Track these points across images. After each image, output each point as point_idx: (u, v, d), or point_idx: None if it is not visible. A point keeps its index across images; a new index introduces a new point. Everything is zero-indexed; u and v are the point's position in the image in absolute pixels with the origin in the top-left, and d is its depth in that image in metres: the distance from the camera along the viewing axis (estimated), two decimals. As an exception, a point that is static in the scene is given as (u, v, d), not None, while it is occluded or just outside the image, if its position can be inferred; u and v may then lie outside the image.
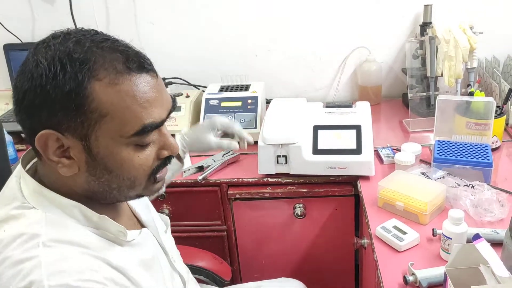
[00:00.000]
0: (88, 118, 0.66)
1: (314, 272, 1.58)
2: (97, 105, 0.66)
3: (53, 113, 0.66)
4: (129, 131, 0.69)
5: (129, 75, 0.68)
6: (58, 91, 0.65)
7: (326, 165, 1.36)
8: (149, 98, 0.70)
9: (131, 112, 0.68)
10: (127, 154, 0.71)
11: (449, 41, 1.55)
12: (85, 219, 0.73)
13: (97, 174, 0.71)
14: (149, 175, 0.75)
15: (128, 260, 0.77)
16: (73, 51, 0.66)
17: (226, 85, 1.78)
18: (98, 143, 0.68)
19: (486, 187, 1.17)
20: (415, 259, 1.02)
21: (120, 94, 0.67)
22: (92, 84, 0.65)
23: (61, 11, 1.89)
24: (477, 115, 1.39)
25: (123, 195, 0.76)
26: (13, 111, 0.71)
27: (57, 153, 0.69)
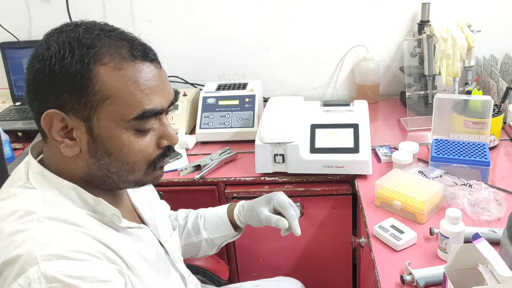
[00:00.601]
0: (91, 100, 0.70)
1: (312, 271, 1.57)
2: (101, 87, 0.70)
3: (59, 93, 0.70)
4: (130, 115, 0.72)
5: (133, 62, 0.72)
6: (65, 72, 0.69)
7: (324, 164, 1.36)
8: (151, 85, 0.73)
9: (133, 96, 0.71)
10: (127, 138, 0.73)
11: (447, 40, 1.55)
12: (81, 201, 0.76)
13: (98, 156, 0.74)
14: (150, 162, 0.78)
15: (124, 245, 0.78)
16: (82, 37, 0.70)
17: (224, 84, 1.77)
18: (99, 125, 0.71)
19: (484, 186, 1.17)
20: (413, 258, 1.02)
21: (123, 79, 0.71)
22: (97, 67, 0.69)
23: (57, 9, 1.88)
24: (474, 114, 1.38)
25: (122, 179, 0.78)
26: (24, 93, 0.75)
27: (61, 133, 0.72)
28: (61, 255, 0.66)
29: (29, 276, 0.64)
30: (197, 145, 1.64)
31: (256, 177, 1.43)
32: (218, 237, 1.14)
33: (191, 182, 1.44)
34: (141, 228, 0.86)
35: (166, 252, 0.94)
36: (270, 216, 1.07)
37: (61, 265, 0.65)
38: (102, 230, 0.76)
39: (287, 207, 1.07)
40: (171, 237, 1.00)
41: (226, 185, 1.45)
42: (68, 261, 0.66)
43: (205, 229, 1.15)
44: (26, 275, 0.64)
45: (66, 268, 0.65)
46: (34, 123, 1.76)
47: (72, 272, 0.65)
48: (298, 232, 1.05)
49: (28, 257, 0.65)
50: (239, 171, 1.47)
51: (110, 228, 0.78)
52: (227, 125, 1.62)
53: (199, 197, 1.46)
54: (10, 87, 1.93)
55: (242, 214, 1.13)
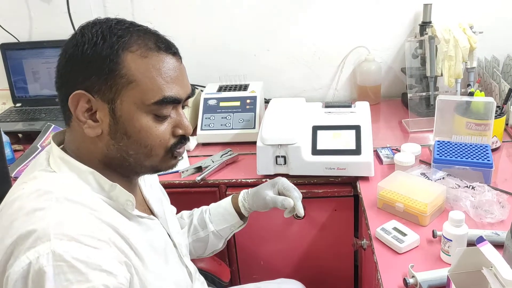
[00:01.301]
0: (116, 83, 0.76)
1: (313, 273, 1.57)
2: (127, 71, 0.76)
3: (88, 76, 0.76)
4: (150, 99, 0.77)
5: (158, 52, 0.79)
6: (96, 56, 0.75)
7: (325, 166, 1.35)
8: (171, 75, 0.79)
9: (155, 82, 0.78)
10: (146, 122, 0.79)
11: (449, 41, 1.55)
12: (98, 186, 0.80)
13: (117, 138, 0.79)
14: (167, 149, 0.83)
15: (135, 232, 0.81)
16: (114, 27, 0.78)
17: (225, 85, 1.77)
18: (122, 107, 0.77)
19: (487, 188, 1.16)
20: (415, 261, 1.01)
21: (148, 66, 0.77)
22: (125, 54, 0.76)
23: (58, 11, 1.88)
24: (477, 115, 1.38)
25: (139, 163, 0.82)
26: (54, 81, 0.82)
27: (86, 115, 0.78)
28: (73, 237, 0.69)
29: (39, 251, 0.67)
30: (198, 147, 1.64)
31: (257, 179, 1.42)
32: (224, 228, 1.16)
33: (192, 183, 1.43)
34: (152, 220, 0.90)
35: (175, 245, 0.97)
36: (276, 197, 1.12)
37: (71, 247, 0.68)
38: (115, 216, 0.79)
39: (291, 189, 1.13)
40: (179, 234, 1.03)
41: (228, 187, 1.45)
42: (78, 244, 0.69)
43: (211, 222, 1.17)
44: (36, 250, 0.67)
45: (75, 251, 0.68)
46: (35, 125, 1.77)
47: (79, 255, 0.68)
48: (301, 212, 1.10)
49: (42, 232, 0.68)
50: (240, 173, 1.46)
51: (122, 216, 0.81)
52: (228, 126, 1.62)
53: (200, 199, 1.45)
54: (11, 88, 1.92)
55: (247, 200, 1.16)
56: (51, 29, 1.91)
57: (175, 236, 0.97)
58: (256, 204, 1.14)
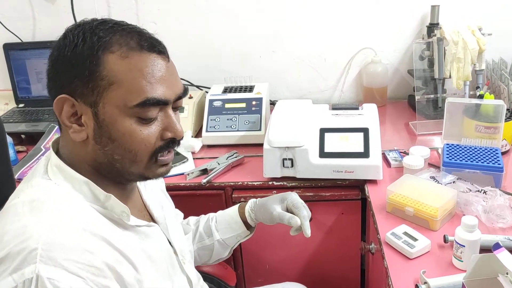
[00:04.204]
0: (98, 85, 0.73)
1: (320, 277, 1.55)
2: (107, 73, 0.73)
3: (71, 79, 0.74)
4: (133, 101, 0.74)
5: (140, 52, 0.75)
6: (76, 58, 0.73)
7: (333, 169, 1.34)
8: (155, 75, 0.75)
9: (137, 83, 0.74)
10: (130, 125, 0.75)
11: (457, 43, 1.53)
12: (93, 196, 0.78)
13: (102, 142, 0.76)
14: (151, 153, 0.79)
15: (130, 244, 0.79)
16: (96, 28, 0.75)
17: (230, 86, 1.75)
18: (104, 110, 0.74)
19: (499, 192, 1.14)
20: (427, 266, 0.99)
21: (129, 66, 0.74)
22: (105, 55, 0.73)
23: (62, 11, 1.87)
24: (486, 118, 1.36)
25: (126, 169, 0.79)
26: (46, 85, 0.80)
27: (72, 119, 0.76)
28: (60, 263, 0.67)
29: (24, 274, 0.65)
30: (203, 149, 1.62)
31: (264, 182, 1.41)
32: (230, 237, 1.14)
33: (198, 186, 1.42)
34: (151, 227, 0.87)
35: (175, 252, 0.94)
36: (283, 214, 1.07)
37: (56, 274, 0.66)
38: (109, 228, 0.77)
39: (300, 208, 1.07)
40: (182, 240, 1.00)
41: (234, 190, 1.43)
42: (64, 272, 0.67)
43: (217, 230, 1.15)
44: (22, 272, 0.66)
45: (59, 279, 0.66)
46: (38, 126, 1.75)
47: (61, 284, 0.66)
48: (308, 233, 1.04)
49: (29, 254, 0.67)
50: (246, 175, 1.45)
51: (118, 226, 0.79)
52: (234, 128, 1.60)
53: (206, 202, 1.44)
54: (14, 88, 1.91)
55: (254, 211, 1.12)
56: (55, 30, 1.86)
57: (176, 243, 0.94)
58: (262, 217, 1.10)
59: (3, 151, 1.13)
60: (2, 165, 1.13)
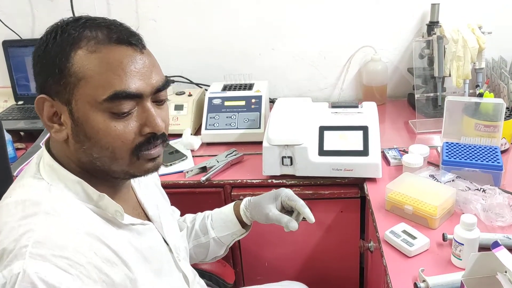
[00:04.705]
0: (68, 82, 0.72)
1: (318, 275, 1.55)
2: (76, 69, 0.72)
3: (45, 78, 0.74)
4: (101, 96, 0.72)
5: (109, 45, 0.73)
6: (47, 57, 0.73)
7: (332, 167, 1.34)
8: (125, 68, 0.73)
9: (105, 77, 0.72)
10: (103, 121, 0.73)
11: (457, 41, 1.53)
12: (86, 196, 0.77)
13: (80, 140, 0.75)
14: (132, 150, 0.76)
15: (124, 243, 0.79)
16: (67, 25, 0.74)
17: (229, 84, 1.75)
18: (77, 107, 0.73)
19: (498, 191, 1.14)
20: (425, 264, 0.99)
21: (97, 61, 0.72)
22: (74, 51, 0.72)
23: (61, 8, 1.86)
24: (486, 117, 1.36)
25: (107, 167, 0.77)
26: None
27: (53, 119, 0.76)
28: (48, 258, 0.67)
29: (12, 270, 0.65)
30: (202, 146, 1.62)
31: (263, 180, 1.41)
32: (226, 235, 1.13)
33: (197, 184, 1.41)
34: (145, 225, 0.86)
35: (170, 250, 0.93)
36: (281, 216, 1.05)
37: (43, 268, 0.66)
38: (103, 227, 0.77)
39: (296, 199, 1.06)
40: (177, 237, 0.99)
41: (233, 188, 1.43)
42: (50, 266, 0.66)
43: (212, 228, 1.14)
44: (11, 268, 0.66)
45: (46, 273, 0.66)
46: (37, 123, 1.75)
47: (49, 278, 0.65)
48: (312, 219, 1.04)
49: (19, 251, 0.67)
50: (245, 173, 1.44)
51: (112, 225, 0.79)
52: (233, 126, 1.60)
53: (205, 200, 1.44)
54: (13, 85, 1.91)
55: (249, 210, 1.11)
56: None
57: (170, 240, 0.94)
58: (258, 217, 1.09)
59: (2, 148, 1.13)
60: (1, 162, 1.13)
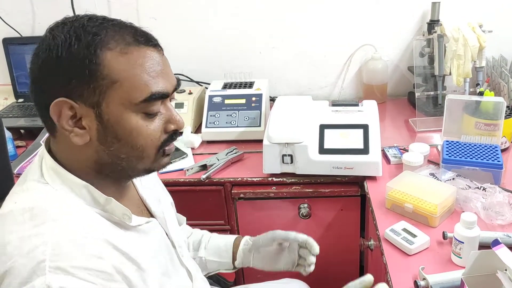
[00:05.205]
0: (100, 85, 0.71)
1: (318, 273, 1.54)
2: (108, 72, 0.70)
3: (67, 81, 0.70)
4: (138, 98, 0.73)
5: (138, 47, 0.73)
6: (72, 59, 0.70)
7: (333, 165, 1.34)
8: (156, 69, 0.75)
9: (140, 79, 0.73)
10: (136, 122, 0.74)
11: (458, 40, 1.53)
12: (92, 200, 0.76)
13: (108, 142, 0.74)
14: (158, 147, 0.78)
15: (133, 245, 0.78)
16: (87, 25, 0.72)
17: (230, 82, 1.75)
18: (109, 110, 0.72)
19: (498, 189, 1.14)
20: (426, 263, 1.00)
21: (130, 63, 0.72)
22: (104, 53, 0.70)
23: (61, 5, 1.86)
24: (486, 115, 1.36)
25: (132, 167, 0.78)
26: (29, 90, 0.76)
27: (70, 123, 0.72)
28: (68, 271, 0.66)
29: (34, 285, 0.64)
30: (202, 144, 1.62)
31: (263, 178, 1.41)
32: (213, 261, 1.15)
33: (197, 182, 1.42)
34: (149, 222, 0.86)
35: (174, 246, 0.94)
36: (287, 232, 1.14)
37: (67, 281, 0.65)
38: (111, 231, 0.76)
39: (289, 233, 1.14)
40: (179, 232, 1.00)
41: (233, 186, 1.43)
42: (74, 278, 0.66)
43: (205, 248, 1.15)
44: (32, 285, 0.64)
45: (70, 286, 0.65)
46: (37, 121, 1.75)
47: None
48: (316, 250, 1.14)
49: (37, 266, 0.65)
50: (246, 171, 1.44)
51: (119, 227, 0.78)
52: (234, 124, 1.60)
53: (205, 198, 1.44)
54: (13, 83, 1.91)
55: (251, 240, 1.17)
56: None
57: (174, 236, 0.94)
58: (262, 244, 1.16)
59: (2, 146, 1.13)
60: (1, 160, 1.13)
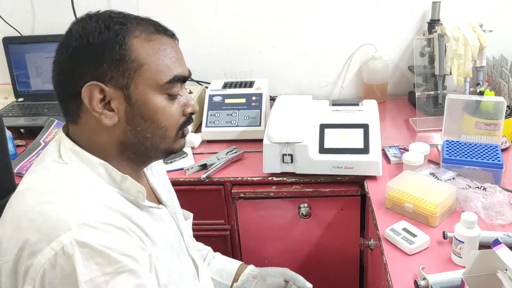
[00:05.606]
0: (129, 68, 0.78)
1: (319, 273, 1.55)
2: (136, 56, 0.78)
3: (99, 65, 0.77)
4: (163, 79, 0.80)
5: (159, 35, 0.82)
6: (104, 45, 0.77)
7: (333, 165, 1.34)
8: (174, 55, 0.83)
9: (164, 63, 0.81)
10: (161, 102, 0.81)
11: (458, 39, 1.53)
12: (109, 177, 0.81)
13: (135, 123, 0.80)
14: (178, 128, 0.85)
15: (148, 222, 0.83)
16: (113, 16, 0.80)
17: (230, 82, 1.75)
18: (137, 91, 0.79)
19: (498, 189, 1.14)
20: (426, 262, 0.99)
21: (155, 48, 0.80)
22: (130, 40, 0.78)
23: (61, 4, 1.86)
24: (486, 115, 1.36)
25: (155, 146, 0.84)
26: (52, 79, 0.82)
27: (100, 106, 0.78)
28: (93, 225, 0.70)
29: (61, 241, 0.68)
30: (203, 144, 1.62)
31: (263, 177, 1.41)
32: (213, 279, 1.16)
33: (197, 181, 1.41)
34: (160, 209, 0.90)
35: (182, 236, 0.97)
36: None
37: (93, 234, 0.70)
38: (127, 207, 0.80)
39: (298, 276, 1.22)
40: (185, 224, 1.04)
41: (233, 185, 1.43)
42: (99, 231, 0.70)
43: (208, 265, 1.17)
44: (59, 240, 0.68)
45: (97, 237, 0.70)
46: (37, 120, 1.74)
47: (102, 241, 0.69)
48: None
49: (61, 224, 0.69)
50: (246, 171, 1.44)
51: (135, 206, 0.83)
52: (234, 123, 1.60)
53: (206, 197, 1.44)
54: (13, 82, 1.90)
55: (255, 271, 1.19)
56: (55, 24, 1.89)
57: (182, 226, 0.98)
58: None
59: (2, 145, 1.13)
60: (1, 159, 1.13)
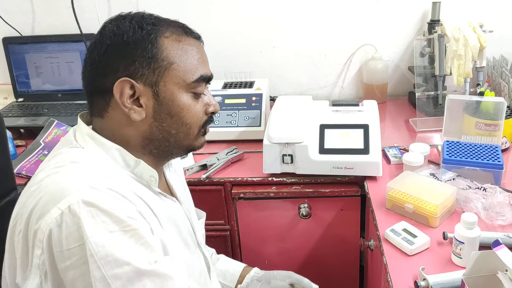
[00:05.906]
0: (159, 66, 0.82)
1: (319, 273, 1.54)
2: (167, 54, 0.83)
3: (131, 63, 0.81)
4: (190, 78, 0.85)
5: (187, 37, 0.87)
6: (137, 43, 0.81)
7: (333, 165, 1.33)
8: (200, 56, 0.87)
9: (192, 63, 0.85)
10: (187, 100, 0.86)
11: (458, 39, 1.53)
12: (124, 162, 0.84)
13: (161, 118, 0.84)
14: (201, 126, 0.89)
15: (159, 205, 0.85)
16: (145, 17, 0.85)
17: (230, 82, 1.75)
18: (165, 88, 0.83)
19: (498, 190, 1.14)
20: (426, 263, 0.99)
21: (184, 48, 0.85)
22: (162, 39, 0.83)
23: (61, 4, 1.86)
24: (486, 116, 1.36)
25: (178, 142, 0.88)
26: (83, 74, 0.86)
27: (129, 101, 0.82)
28: (98, 189, 0.74)
29: (68, 200, 0.71)
30: (202, 144, 1.62)
31: (263, 178, 1.41)
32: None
33: (198, 181, 1.41)
34: (174, 201, 0.93)
35: (194, 233, 0.99)
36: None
37: (98, 196, 0.73)
38: (140, 189, 0.83)
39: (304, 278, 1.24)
40: (198, 223, 1.05)
41: (233, 185, 1.43)
42: (104, 194, 0.73)
43: (213, 264, 1.16)
44: (65, 200, 0.71)
45: (103, 199, 0.73)
46: (37, 120, 1.74)
47: (107, 203, 0.72)
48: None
49: (67, 187, 0.73)
50: (246, 171, 1.44)
51: (147, 189, 0.86)
52: (234, 124, 1.60)
53: (206, 197, 1.44)
54: (13, 83, 1.90)
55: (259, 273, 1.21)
56: (55, 24, 1.89)
57: (195, 223, 1.00)
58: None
59: (2, 145, 1.13)
60: (1, 159, 1.13)
